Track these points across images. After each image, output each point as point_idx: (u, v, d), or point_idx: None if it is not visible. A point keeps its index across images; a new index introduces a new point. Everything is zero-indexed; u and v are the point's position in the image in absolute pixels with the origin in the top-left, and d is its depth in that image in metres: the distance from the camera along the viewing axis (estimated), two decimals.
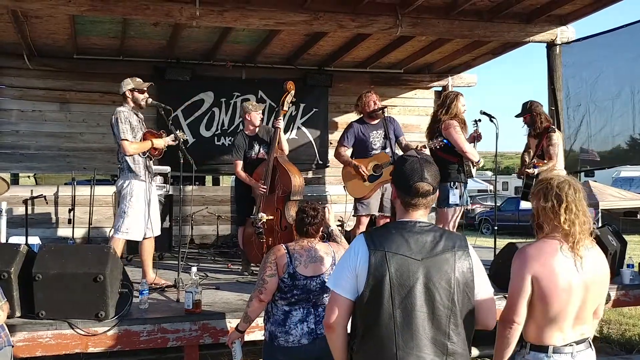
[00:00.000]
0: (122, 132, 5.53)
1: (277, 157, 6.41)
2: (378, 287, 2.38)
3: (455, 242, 2.48)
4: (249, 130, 6.77)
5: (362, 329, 2.44)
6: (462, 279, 2.43)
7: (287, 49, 9.48)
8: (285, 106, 6.60)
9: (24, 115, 9.44)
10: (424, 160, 2.56)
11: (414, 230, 2.47)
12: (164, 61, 9.63)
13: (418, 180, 2.49)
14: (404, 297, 2.37)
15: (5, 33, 8.16)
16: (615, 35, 7.65)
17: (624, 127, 7.63)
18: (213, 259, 8.09)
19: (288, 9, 7.01)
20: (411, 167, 2.52)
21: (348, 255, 2.52)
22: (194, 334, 4.55)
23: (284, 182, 6.30)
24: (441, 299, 2.39)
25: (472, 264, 2.48)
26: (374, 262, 2.39)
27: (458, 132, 6.20)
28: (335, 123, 10.75)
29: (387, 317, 2.37)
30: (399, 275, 2.38)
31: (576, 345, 2.74)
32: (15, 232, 8.07)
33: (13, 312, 4.25)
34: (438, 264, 2.41)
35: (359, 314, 2.45)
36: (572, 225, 2.71)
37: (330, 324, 2.50)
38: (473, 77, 11.46)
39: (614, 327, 7.39)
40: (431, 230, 2.49)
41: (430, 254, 2.42)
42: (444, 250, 2.44)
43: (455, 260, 2.44)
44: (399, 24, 7.30)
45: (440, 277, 2.40)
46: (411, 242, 2.43)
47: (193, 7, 6.59)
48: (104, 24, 7.96)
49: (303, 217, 3.73)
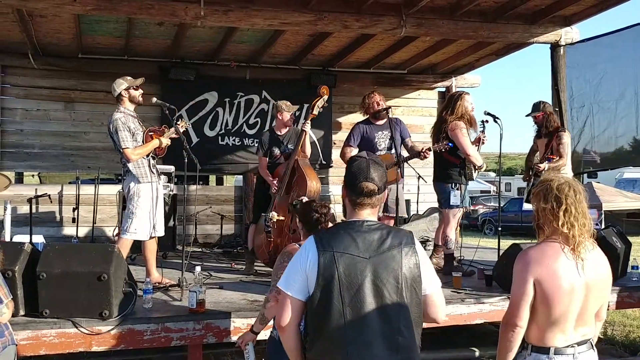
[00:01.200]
0: (122, 140, 5.52)
1: (297, 160, 6.39)
2: (328, 286, 2.42)
3: (401, 239, 2.53)
4: (278, 129, 6.78)
5: (314, 327, 2.48)
6: (410, 275, 2.48)
7: (291, 49, 9.48)
8: (316, 110, 6.53)
9: (28, 115, 9.47)
10: (372, 160, 2.61)
11: (361, 230, 2.52)
12: (169, 61, 9.65)
13: (363, 180, 2.54)
14: (353, 295, 2.42)
15: (11, 32, 8.19)
16: (620, 37, 7.64)
17: (627, 129, 7.62)
18: (216, 259, 8.11)
19: (292, 9, 7.01)
20: (358, 167, 2.58)
21: (299, 256, 2.55)
22: (197, 333, 4.56)
23: (300, 186, 6.27)
24: (390, 295, 2.43)
25: (419, 259, 2.52)
26: (323, 262, 2.44)
27: (464, 134, 6.22)
28: (339, 123, 10.76)
29: (338, 315, 2.41)
30: (347, 274, 2.43)
31: (578, 346, 2.74)
32: (19, 231, 8.09)
33: (17, 310, 4.27)
34: (385, 262, 2.46)
35: (310, 313, 2.49)
36: (571, 228, 2.71)
37: (282, 325, 2.53)
38: (477, 78, 11.46)
39: (618, 329, 7.38)
40: (378, 228, 2.54)
41: (377, 252, 2.47)
42: (390, 248, 2.48)
43: (402, 257, 2.48)
44: (403, 25, 7.30)
45: (388, 274, 2.45)
46: (359, 241, 2.48)
47: (198, 6, 6.60)
48: (108, 23, 7.98)
49: (317, 217, 3.66)
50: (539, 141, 7.04)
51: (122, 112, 5.65)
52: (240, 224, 10.12)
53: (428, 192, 7.77)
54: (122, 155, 5.61)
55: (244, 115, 10.16)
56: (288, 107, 6.73)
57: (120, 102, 5.72)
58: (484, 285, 5.87)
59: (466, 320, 5.23)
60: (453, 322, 5.12)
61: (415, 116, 11.16)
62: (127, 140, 5.53)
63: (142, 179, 5.64)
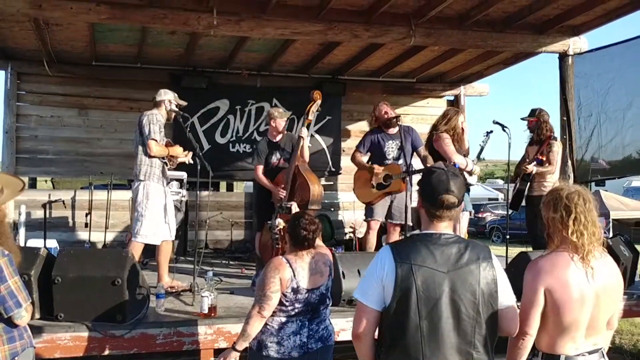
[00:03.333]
0: (153, 132, 5.67)
1: (298, 166, 6.42)
2: (405, 299, 2.42)
3: (479, 254, 2.52)
4: (272, 136, 6.82)
5: (389, 339, 2.48)
6: (487, 290, 2.48)
7: (301, 58, 9.56)
8: (310, 115, 6.60)
9: (42, 121, 9.58)
10: (450, 172, 2.59)
11: (439, 243, 2.51)
12: (181, 69, 9.75)
13: (444, 192, 2.52)
14: (430, 309, 2.41)
15: (26, 40, 8.31)
16: (628, 47, 7.65)
17: (634, 138, 7.63)
18: (227, 264, 8.18)
19: (303, 19, 7.08)
20: (438, 179, 2.55)
21: (375, 266, 2.54)
22: (209, 337, 4.63)
23: (302, 191, 6.31)
24: (466, 310, 2.43)
25: (496, 274, 2.52)
26: (401, 274, 2.43)
27: (447, 144, 6.42)
28: (348, 131, 10.82)
29: (414, 328, 2.41)
30: (425, 287, 2.42)
31: (589, 355, 2.75)
32: (33, 235, 8.20)
33: (33, 313, 4.34)
34: (463, 276, 2.46)
35: (386, 324, 2.48)
36: (580, 237, 2.72)
37: (358, 334, 2.53)
38: (485, 87, 11.49)
39: (626, 338, 7.38)
40: (456, 242, 2.53)
41: (455, 266, 2.46)
42: (468, 262, 2.48)
43: (479, 272, 2.48)
44: (412, 34, 7.36)
45: (465, 289, 2.45)
46: (437, 255, 2.47)
47: (211, 16, 6.68)
48: (122, 31, 8.08)
49: (305, 235, 3.58)
50: (530, 149, 7.07)
51: (158, 114, 5.81)
52: (251, 230, 10.17)
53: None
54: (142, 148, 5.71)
55: (255, 122, 10.24)
56: (280, 114, 6.80)
57: (157, 108, 5.90)
58: None
59: None
60: None
61: (424, 124, 11.11)
62: (156, 134, 5.68)
63: (152, 179, 5.73)
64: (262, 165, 6.75)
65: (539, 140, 6.93)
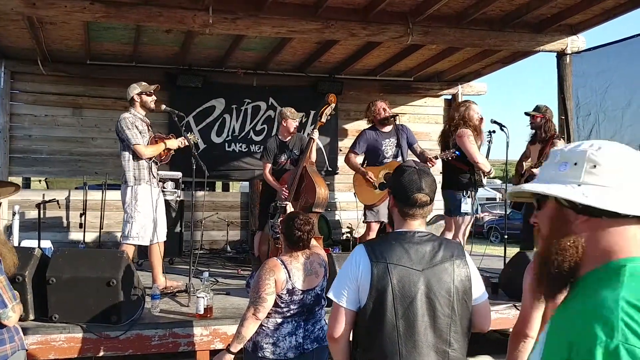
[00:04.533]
0: (133, 137, 5.56)
1: (305, 167, 6.39)
2: (381, 298, 2.41)
3: (453, 251, 2.53)
4: (283, 135, 6.81)
5: (366, 339, 2.47)
6: (461, 287, 2.48)
7: (298, 57, 9.53)
8: (324, 118, 6.53)
9: (36, 120, 9.52)
10: (421, 170, 2.58)
11: (413, 241, 2.50)
12: (176, 68, 9.70)
13: (416, 191, 2.52)
14: (406, 307, 2.40)
15: (20, 39, 8.25)
16: (626, 45, 7.63)
17: (633, 137, 7.60)
18: (223, 265, 8.13)
19: (300, 18, 7.04)
20: (409, 178, 2.55)
21: (349, 266, 2.52)
22: (205, 339, 4.59)
23: (308, 193, 6.27)
24: (442, 308, 2.43)
25: (470, 272, 2.53)
26: (377, 273, 2.42)
27: (471, 141, 6.20)
28: (345, 130, 10.78)
29: (390, 328, 2.40)
30: (401, 286, 2.41)
31: None
32: (27, 236, 8.14)
33: (27, 315, 4.30)
34: (438, 274, 2.45)
35: (362, 324, 2.47)
36: None
37: (334, 336, 2.51)
38: (483, 86, 11.48)
39: None
40: (430, 240, 2.53)
41: (430, 264, 2.46)
42: (442, 260, 2.48)
43: (454, 270, 2.48)
44: (409, 33, 7.33)
45: (441, 287, 2.44)
46: (411, 253, 2.47)
47: (206, 14, 6.64)
48: (117, 30, 8.03)
49: (300, 235, 3.56)
50: (532, 147, 7.00)
51: (130, 114, 5.71)
52: (246, 230, 10.15)
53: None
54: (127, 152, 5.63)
55: (251, 122, 10.20)
56: (293, 115, 6.76)
57: (133, 106, 5.79)
58: (490, 293, 5.85)
59: None
60: None
61: (422, 123, 11.17)
62: (138, 137, 5.58)
63: (140, 181, 5.65)
64: (270, 163, 6.74)
65: (544, 138, 6.87)
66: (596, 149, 1.37)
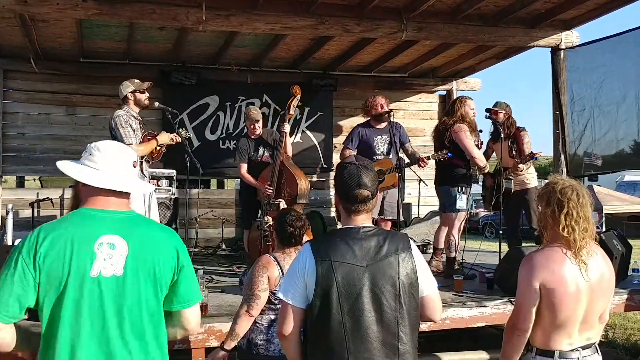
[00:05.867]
0: (125, 136, 5.52)
1: (282, 161, 6.43)
2: (326, 296, 2.42)
3: (398, 244, 2.52)
4: (251, 133, 6.87)
5: (313, 336, 2.48)
6: (407, 281, 2.48)
7: (292, 53, 9.50)
8: (292, 110, 6.65)
9: (30, 119, 9.47)
10: (362, 166, 2.58)
11: (357, 237, 2.51)
12: (170, 65, 9.67)
13: (356, 187, 2.52)
14: (352, 303, 2.42)
15: (13, 37, 8.20)
16: (620, 40, 7.63)
17: (628, 132, 7.61)
18: (218, 262, 8.11)
19: (294, 14, 7.02)
20: (349, 174, 2.55)
21: (296, 264, 2.54)
22: (200, 337, 4.56)
23: (290, 186, 6.32)
24: (388, 302, 2.44)
25: (416, 264, 2.52)
26: (321, 272, 2.43)
27: (468, 136, 6.21)
28: (339, 127, 10.77)
29: (337, 324, 2.41)
30: (346, 283, 2.42)
31: (582, 350, 2.75)
32: (21, 235, 8.06)
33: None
34: (383, 269, 2.46)
35: (310, 321, 2.48)
36: (572, 232, 2.71)
37: (284, 334, 2.51)
38: (477, 81, 11.49)
39: (619, 332, 7.38)
40: (375, 234, 2.53)
41: (374, 260, 2.46)
42: (387, 255, 2.48)
43: (399, 263, 2.48)
44: (403, 29, 7.31)
45: (386, 281, 2.45)
46: (356, 249, 2.47)
47: (199, 11, 6.61)
48: (110, 27, 7.99)
49: (292, 231, 3.60)
50: (495, 145, 6.92)
51: (124, 111, 5.67)
52: (242, 228, 10.10)
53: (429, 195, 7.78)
54: None
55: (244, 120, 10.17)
56: (247, 114, 6.91)
57: (126, 104, 5.75)
58: (485, 288, 5.87)
59: (467, 324, 5.23)
60: (455, 325, 5.12)
61: (416, 119, 11.17)
62: (130, 136, 5.53)
63: None
64: (245, 163, 6.78)
65: (508, 134, 6.84)
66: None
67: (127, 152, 2.39)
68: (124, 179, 2.29)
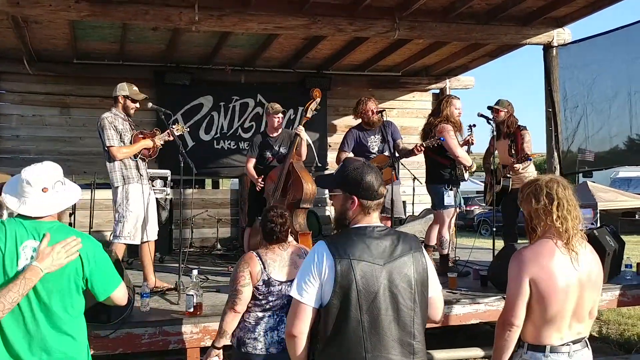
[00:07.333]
0: (108, 138, 5.55)
1: (292, 163, 6.37)
2: (345, 294, 2.41)
3: (411, 244, 2.55)
4: (270, 132, 6.82)
5: (329, 334, 2.45)
6: (420, 280, 2.51)
7: (285, 53, 9.52)
8: (309, 113, 6.57)
9: (24, 120, 9.48)
10: (374, 166, 2.66)
11: (373, 236, 2.52)
12: (164, 65, 9.68)
13: (379, 186, 2.58)
14: (370, 302, 2.41)
15: (6, 38, 8.19)
16: (612, 37, 7.66)
17: (621, 128, 7.65)
18: (213, 262, 8.12)
19: (287, 14, 7.04)
20: (372, 173, 2.59)
21: (311, 263, 2.49)
22: (195, 336, 4.58)
23: (296, 189, 6.26)
24: (404, 301, 2.45)
25: (426, 263, 2.56)
26: (341, 270, 2.41)
27: (452, 136, 6.30)
28: (334, 126, 10.79)
29: (355, 323, 2.40)
30: (365, 281, 2.42)
31: (573, 344, 2.76)
32: None
33: None
34: (399, 268, 2.47)
35: (325, 320, 2.45)
36: (564, 222, 2.75)
37: (293, 333, 2.48)
38: (470, 79, 11.52)
39: (612, 327, 7.41)
40: (388, 234, 2.55)
41: (390, 258, 2.48)
42: (402, 254, 2.50)
43: (413, 262, 2.51)
44: (396, 28, 7.33)
45: (402, 280, 2.47)
46: (372, 248, 2.48)
47: (192, 12, 6.62)
48: (103, 29, 7.99)
49: (272, 227, 3.64)
50: (497, 143, 6.95)
51: (111, 113, 5.69)
52: (237, 227, 10.14)
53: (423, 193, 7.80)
54: (107, 154, 5.62)
55: (239, 119, 10.19)
56: (273, 109, 6.73)
57: (115, 105, 5.78)
58: (479, 285, 5.90)
59: (462, 321, 5.26)
60: (449, 322, 5.16)
61: (410, 118, 11.19)
62: (113, 139, 5.56)
63: (129, 180, 5.63)
64: (254, 158, 6.76)
65: (507, 133, 6.88)
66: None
67: (51, 177, 2.80)
68: (48, 204, 2.77)
